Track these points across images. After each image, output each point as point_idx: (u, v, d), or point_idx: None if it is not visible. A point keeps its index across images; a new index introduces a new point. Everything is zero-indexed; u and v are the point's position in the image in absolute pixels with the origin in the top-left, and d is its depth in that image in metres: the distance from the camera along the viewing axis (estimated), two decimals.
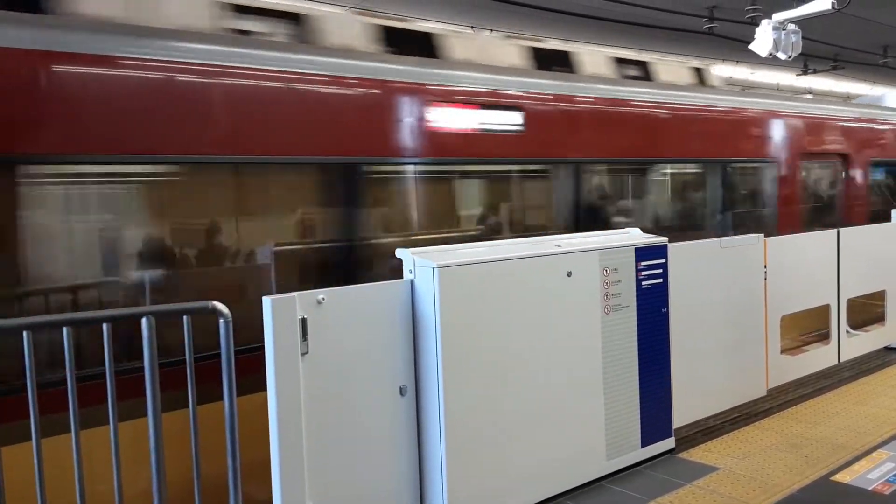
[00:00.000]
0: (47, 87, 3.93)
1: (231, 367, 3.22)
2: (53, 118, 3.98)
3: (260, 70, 4.70)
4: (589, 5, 10.48)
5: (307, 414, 3.41)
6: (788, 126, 8.28)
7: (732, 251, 5.60)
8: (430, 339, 3.73)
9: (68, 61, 4.02)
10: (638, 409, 4.62)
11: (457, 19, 11.37)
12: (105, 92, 4.14)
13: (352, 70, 5.14)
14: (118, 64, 4.19)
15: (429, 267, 3.72)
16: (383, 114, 5.26)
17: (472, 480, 3.86)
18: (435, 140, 5.50)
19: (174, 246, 4.66)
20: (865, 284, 7.14)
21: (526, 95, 6.06)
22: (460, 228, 6.15)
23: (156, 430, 3.12)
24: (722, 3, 11.23)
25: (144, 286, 4.44)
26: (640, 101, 6.96)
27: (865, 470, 4.43)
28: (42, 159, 4.00)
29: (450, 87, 5.62)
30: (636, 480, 4.45)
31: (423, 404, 3.82)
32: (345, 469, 3.58)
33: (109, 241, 4.45)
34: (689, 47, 14.08)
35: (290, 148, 4.82)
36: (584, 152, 6.45)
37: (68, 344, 2.95)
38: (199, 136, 4.46)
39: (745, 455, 4.75)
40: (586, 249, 4.40)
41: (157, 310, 3.22)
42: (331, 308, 3.49)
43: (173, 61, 4.36)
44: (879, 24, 12.75)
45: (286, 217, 5.19)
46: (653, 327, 4.70)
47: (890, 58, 15.63)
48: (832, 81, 18.68)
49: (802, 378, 6.37)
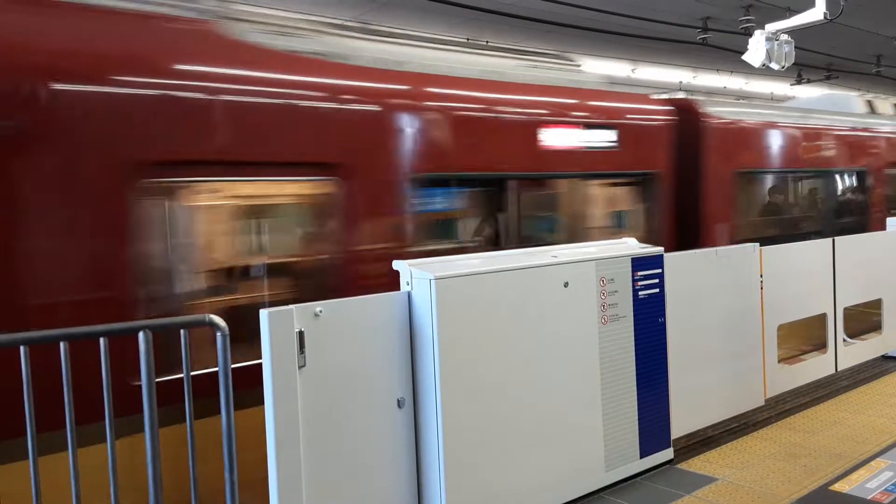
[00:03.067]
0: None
1: (228, 381, 3.21)
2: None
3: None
4: (584, 17, 10.54)
5: (305, 427, 3.40)
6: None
7: (728, 260, 5.61)
8: (428, 350, 3.73)
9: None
10: (636, 420, 4.61)
11: (453, 31, 11.42)
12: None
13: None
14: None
15: (426, 278, 3.72)
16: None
17: (471, 493, 3.84)
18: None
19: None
20: (862, 293, 7.15)
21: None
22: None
23: (153, 444, 3.11)
24: (715, 15, 11.32)
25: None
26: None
27: (864, 479, 4.43)
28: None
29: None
30: (635, 492, 4.44)
31: (421, 416, 3.82)
32: (343, 482, 3.57)
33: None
34: (684, 58, 14.16)
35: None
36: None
37: (65, 358, 2.94)
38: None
39: (744, 465, 4.75)
40: (583, 260, 4.40)
41: (155, 324, 3.22)
42: (328, 321, 3.49)
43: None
44: (872, 34, 12.85)
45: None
46: (650, 337, 4.70)
47: (883, 67, 15.74)
48: (826, 91, 18.79)
49: (800, 387, 6.37)
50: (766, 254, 5.90)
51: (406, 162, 4.88)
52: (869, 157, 9.46)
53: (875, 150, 9.61)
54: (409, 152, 4.91)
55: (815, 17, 6.37)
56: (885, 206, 9.63)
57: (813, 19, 6.40)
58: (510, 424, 4.01)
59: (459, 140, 5.18)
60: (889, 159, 9.77)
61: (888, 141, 9.82)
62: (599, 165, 6.08)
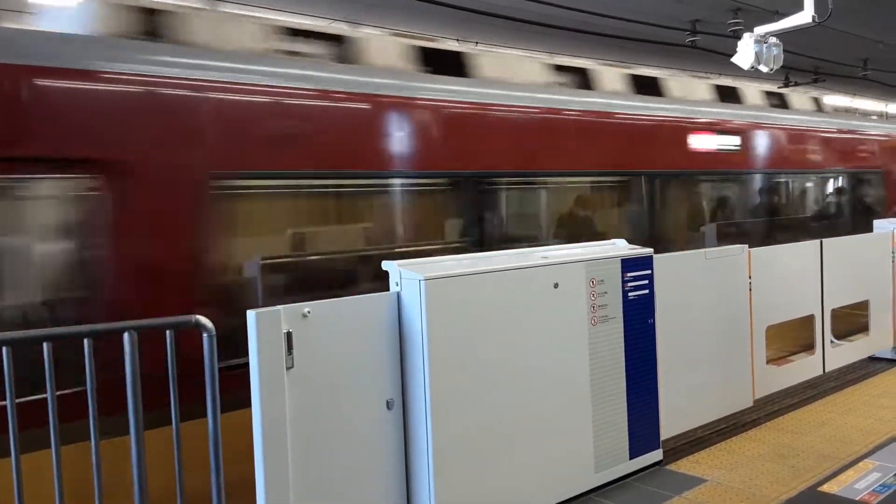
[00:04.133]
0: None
1: (215, 382, 3.18)
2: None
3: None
4: (573, 19, 10.54)
5: (292, 429, 3.37)
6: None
7: (717, 262, 5.62)
8: (417, 351, 3.71)
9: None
10: (626, 421, 4.61)
11: (442, 32, 11.40)
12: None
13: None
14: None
15: (415, 279, 3.70)
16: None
17: (460, 495, 3.82)
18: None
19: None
20: (849, 294, 7.19)
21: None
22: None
23: (138, 445, 3.07)
24: (704, 17, 11.36)
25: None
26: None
27: (852, 480, 4.44)
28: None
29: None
30: (624, 493, 4.43)
31: (410, 418, 3.79)
32: (331, 484, 3.54)
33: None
34: (673, 60, 14.21)
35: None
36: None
37: (48, 359, 2.90)
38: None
39: (733, 466, 4.75)
40: (573, 261, 4.40)
41: (140, 324, 3.18)
42: (316, 321, 3.46)
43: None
44: (859, 38, 12.94)
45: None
46: (640, 338, 4.70)
47: (870, 70, 15.85)
48: (814, 94, 18.91)
49: (788, 388, 6.39)
50: (754, 255, 5.92)
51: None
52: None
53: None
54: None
55: (803, 19, 6.40)
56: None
57: (801, 22, 6.42)
58: (500, 426, 3.99)
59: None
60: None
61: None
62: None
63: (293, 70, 5.27)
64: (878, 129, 11.84)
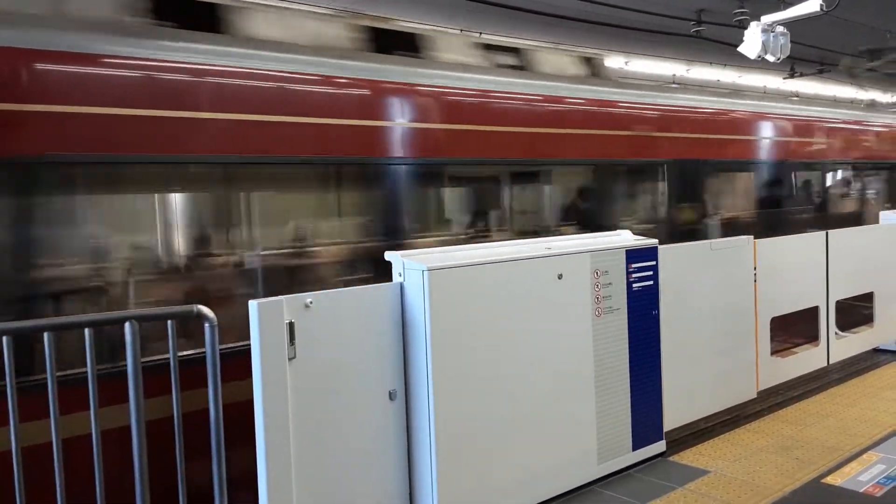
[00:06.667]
0: None
1: (216, 372, 3.17)
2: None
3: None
4: (578, 8, 10.48)
5: (295, 419, 3.35)
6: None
7: (722, 253, 5.59)
8: (420, 342, 3.69)
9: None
10: (629, 413, 4.59)
11: (445, 22, 11.34)
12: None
13: None
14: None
15: (419, 269, 3.67)
16: None
17: (463, 486, 3.81)
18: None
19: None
20: (854, 286, 7.16)
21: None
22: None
23: (139, 435, 3.06)
24: (709, 7, 11.27)
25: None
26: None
27: (856, 472, 4.42)
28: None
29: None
30: (627, 484, 4.42)
31: (412, 409, 3.78)
32: (333, 475, 3.52)
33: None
34: (677, 51, 14.13)
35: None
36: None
37: (49, 348, 2.88)
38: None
39: (736, 458, 4.73)
40: (577, 252, 4.37)
41: (141, 314, 3.17)
42: (319, 312, 3.44)
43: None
44: (865, 27, 12.84)
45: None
46: (644, 330, 4.67)
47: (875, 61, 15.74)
48: (819, 85, 18.80)
49: (792, 380, 6.37)
50: (759, 246, 5.88)
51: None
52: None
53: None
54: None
55: (811, 8, 6.35)
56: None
57: (809, 10, 6.37)
58: (503, 417, 3.98)
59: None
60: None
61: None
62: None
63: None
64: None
